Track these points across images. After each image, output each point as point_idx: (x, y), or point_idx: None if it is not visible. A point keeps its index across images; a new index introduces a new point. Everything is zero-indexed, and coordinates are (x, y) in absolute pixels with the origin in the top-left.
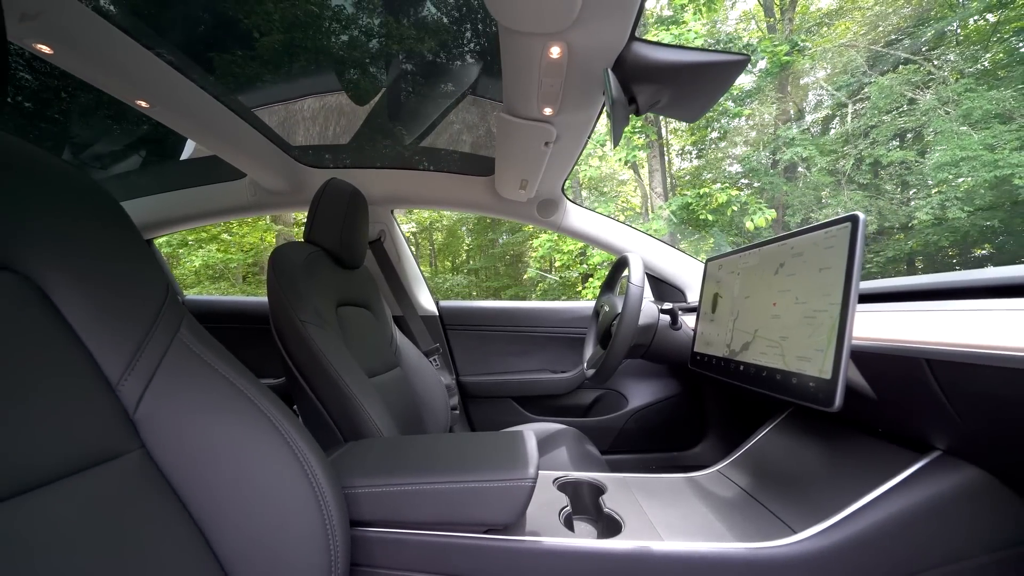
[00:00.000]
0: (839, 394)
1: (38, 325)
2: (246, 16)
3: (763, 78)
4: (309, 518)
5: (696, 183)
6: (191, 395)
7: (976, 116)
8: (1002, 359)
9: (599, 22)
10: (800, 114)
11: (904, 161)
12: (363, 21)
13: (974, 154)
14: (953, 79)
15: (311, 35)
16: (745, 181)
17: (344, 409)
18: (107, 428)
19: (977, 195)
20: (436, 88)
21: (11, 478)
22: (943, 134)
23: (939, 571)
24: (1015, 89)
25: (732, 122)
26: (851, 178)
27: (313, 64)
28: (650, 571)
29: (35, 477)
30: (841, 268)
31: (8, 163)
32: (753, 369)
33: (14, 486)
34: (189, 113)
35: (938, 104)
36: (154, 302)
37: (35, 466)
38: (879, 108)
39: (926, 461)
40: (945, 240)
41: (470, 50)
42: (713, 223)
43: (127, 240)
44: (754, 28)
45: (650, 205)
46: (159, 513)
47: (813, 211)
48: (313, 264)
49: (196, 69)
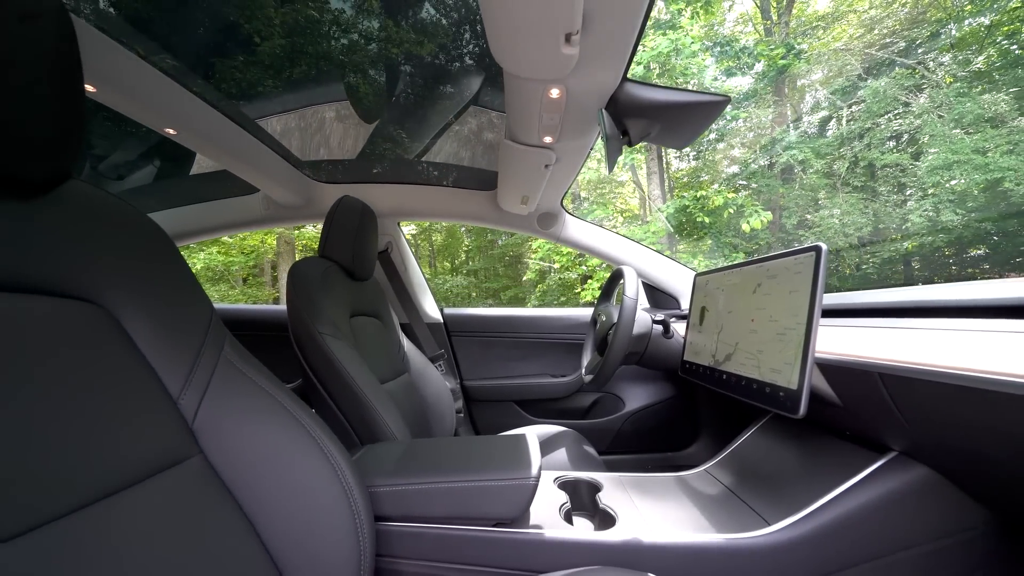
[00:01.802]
0: (803, 403)
1: (115, 349)
2: (247, 20)
3: (760, 81)
4: (341, 513)
5: (694, 184)
6: (237, 406)
7: (968, 120)
8: (938, 375)
9: (594, 69)
10: (796, 116)
11: (898, 164)
12: (363, 25)
13: (965, 158)
14: (947, 82)
15: (312, 40)
16: (743, 182)
17: (361, 414)
18: (173, 437)
19: (970, 197)
20: (439, 98)
21: (103, 481)
22: (936, 138)
23: (894, 556)
24: (1007, 93)
25: (730, 124)
26: (846, 181)
27: (318, 73)
28: (640, 560)
29: (121, 480)
30: (807, 292)
31: (92, 211)
32: (734, 378)
33: (106, 488)
34: (211, 137)
35: (931, 108)
36: (202, 325)
37: (121, 471)
38: (872, 112)
39: (883, 461)
40: (940, 241)
41: (471, 54)
42: (710, 225)
43: (179, 272)
44: (751, 30)
45: (648, 207)
46: (218, 510)
47: (809, 213)
48: (328, 278)
49: (217, 95)
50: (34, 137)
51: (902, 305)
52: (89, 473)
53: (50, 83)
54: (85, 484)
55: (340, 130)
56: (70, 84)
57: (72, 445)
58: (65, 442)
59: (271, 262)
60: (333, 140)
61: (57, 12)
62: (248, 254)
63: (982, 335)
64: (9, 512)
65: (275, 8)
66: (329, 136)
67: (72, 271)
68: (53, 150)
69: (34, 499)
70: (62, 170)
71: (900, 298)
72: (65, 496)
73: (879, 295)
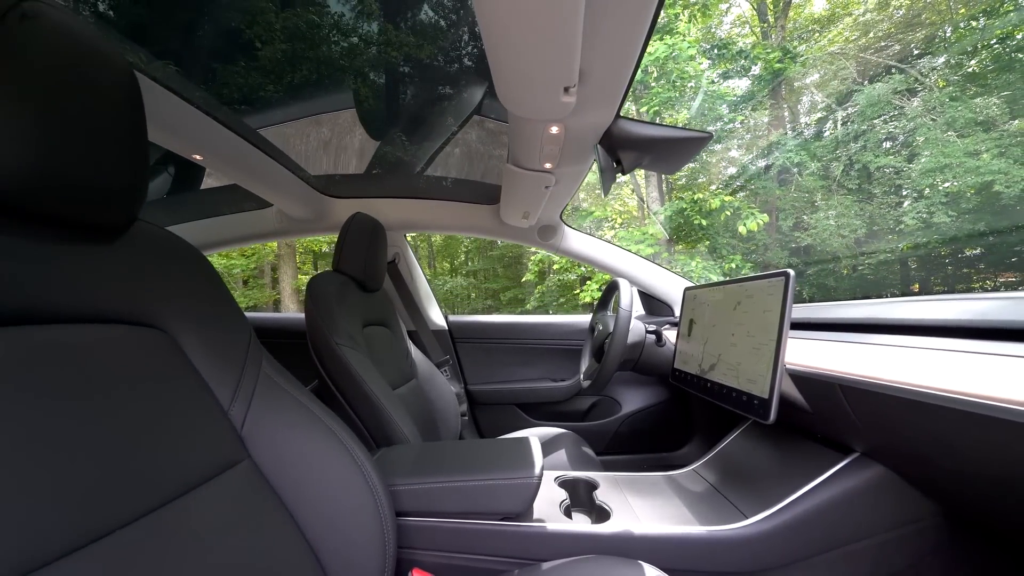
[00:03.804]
0: (773, 410)
1: (176, 368)
2: (248, 25)
3: (756, 83)
4: (367, 509)
5: (692, 186)
6: (277, 415)
7: (960, 124)
8: (884, 388)
9: (590, 111)
10: (793, 119)
11: (892, 166)
12: (363, 30)
13: (957, 161)
14: (940, 86)
15: (312, 45)
16: (740, 183)
17: (377, 419)
18: (227, 442)
19: (963, 199)
20: (442, 108)
21: (178, 481)
22: (929, 141)
23: (856, 544)
24: (999, 96)
25: (727, 126)
26: (841, 183)
27: (319, 78)
28: (631, 550)
29: (193, 480)
30: (777, 312)
31: (156, 249)
32: (717, 386)
33: (182, 487)
34: (230, 159)
35: (924, 111)
36: (244, 343)
37: (191, 472)
38: (866, 115)
39: (846, 461)
40: (935, 242)
41: (470, 55)
42: (707, 227)
43: (224, 297)
44: (747, 31)
45: (646, 209)
46: (266, 506)
47: (806, 215)
48: (343, 291)
49: (236, 120)
50: (112, 189)
51: (865, 322)
52: (164, 476)
53: (125, 142)
54: (161, 486)
55: (348, 146)
56: (139, 140)
57: (149, 452)
58: (143, 449)
59: (271, 264)
60: (342, 156)
61: (130, 78)
62: (249, 256)
63: (925, 352)
64: (100, 514)
65: (275, 13)
66: (338, 152)
67: (141, 302)
68: (127, 199)
69: (120, 501)
70: (133, 215)
71: (866, 314)
72: (146, 497)
73: (849, 310)
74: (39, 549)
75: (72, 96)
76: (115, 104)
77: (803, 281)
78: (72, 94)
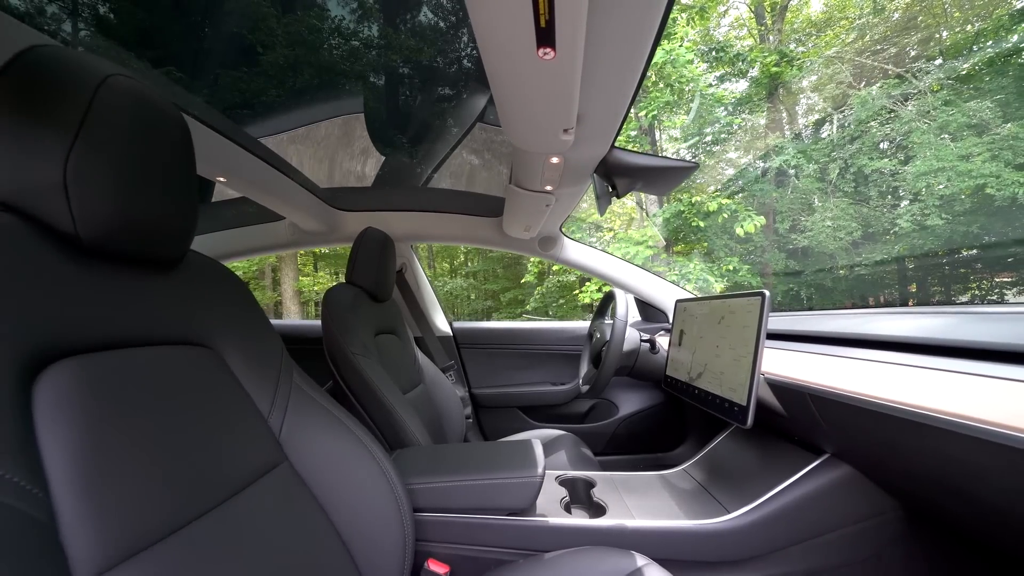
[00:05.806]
0: (750, 416)
1: (223, 381)
2: (250, 31)
3: (753, 86)
4: (389, 506)
5: (690, 188)
6: (309, 422)
7: (953, 127)
8: (844, 397)
9: (587, 145)
10: (790, 122)
11: (887, 169)
12: (364, 33)
13: (950, 164)
14: (934, 89)
15: (313, 49)
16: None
17: (390, 423)
18: (268, 447)
19: (957, 202)
20: (446, 116)
21: (230, 483)
22: (923, 144)
23: (825, 536)
24: (992, 100)
25: (725, 129)
26: (837, 186)
27: (320, 83)
28: (625, 541)
29: (242, 481)
30: (754, 328)
31: (205, 276)
32: (703, 393)
33: (234, 487)
34: (250, 179)
35: (919, 115)
36: (277, 356)
37: (242, 473)
38: (861, 119)
39: (818, 461)
40: (930, 244)
41: (469, 57)
42: (705, 229)
43: (259, 316)
44: (744, 33)
45: (645, 211)
46: (303, 503)
47: (802, 216)
48: (357, 302)
49: (253, 141)
50: (174, 227)
51: (837, 336)
52: (223, 476)
53: (182, 185)
54: (222, 485)
55: (356, 159)
56: (191, 182)
57: (212, 456)
58: (206, 453)
59: (272, 266)
60: (350, 169)
61: (184, 129)
62: (251, 260)
63: (882, 366)
64: (167, 514)
65: (277, 19)
66: (346, 165)
67: (193, 324)
68: (183, 235)
69: (193, 498)
70: (187, 247)
71: (839, 327)
72: (211, 495)
73: (826, 321)
74: (130, 543)
75: (145, 152)
76: (175, 155)
77: (802, 282)
78: (145, 150)
